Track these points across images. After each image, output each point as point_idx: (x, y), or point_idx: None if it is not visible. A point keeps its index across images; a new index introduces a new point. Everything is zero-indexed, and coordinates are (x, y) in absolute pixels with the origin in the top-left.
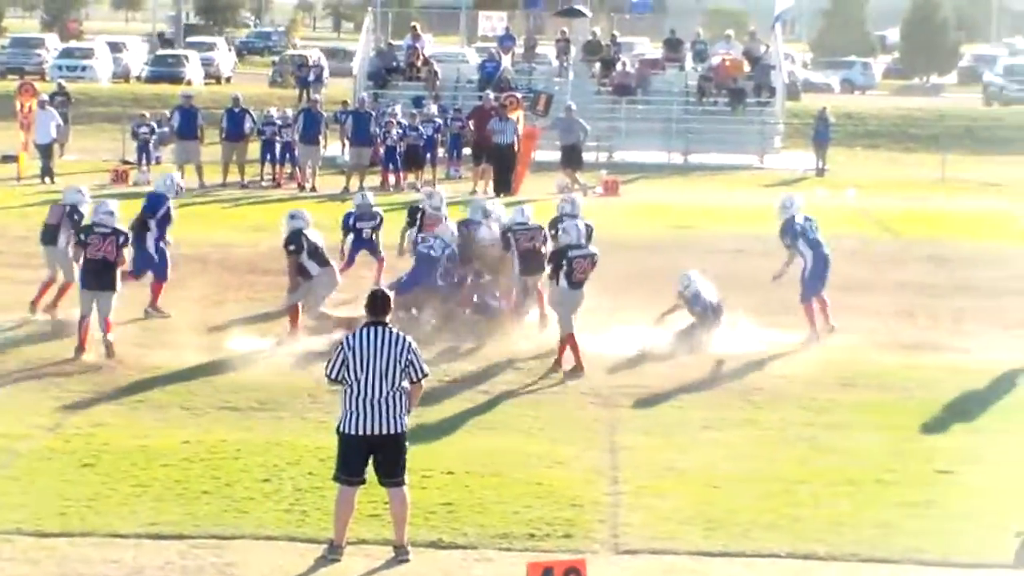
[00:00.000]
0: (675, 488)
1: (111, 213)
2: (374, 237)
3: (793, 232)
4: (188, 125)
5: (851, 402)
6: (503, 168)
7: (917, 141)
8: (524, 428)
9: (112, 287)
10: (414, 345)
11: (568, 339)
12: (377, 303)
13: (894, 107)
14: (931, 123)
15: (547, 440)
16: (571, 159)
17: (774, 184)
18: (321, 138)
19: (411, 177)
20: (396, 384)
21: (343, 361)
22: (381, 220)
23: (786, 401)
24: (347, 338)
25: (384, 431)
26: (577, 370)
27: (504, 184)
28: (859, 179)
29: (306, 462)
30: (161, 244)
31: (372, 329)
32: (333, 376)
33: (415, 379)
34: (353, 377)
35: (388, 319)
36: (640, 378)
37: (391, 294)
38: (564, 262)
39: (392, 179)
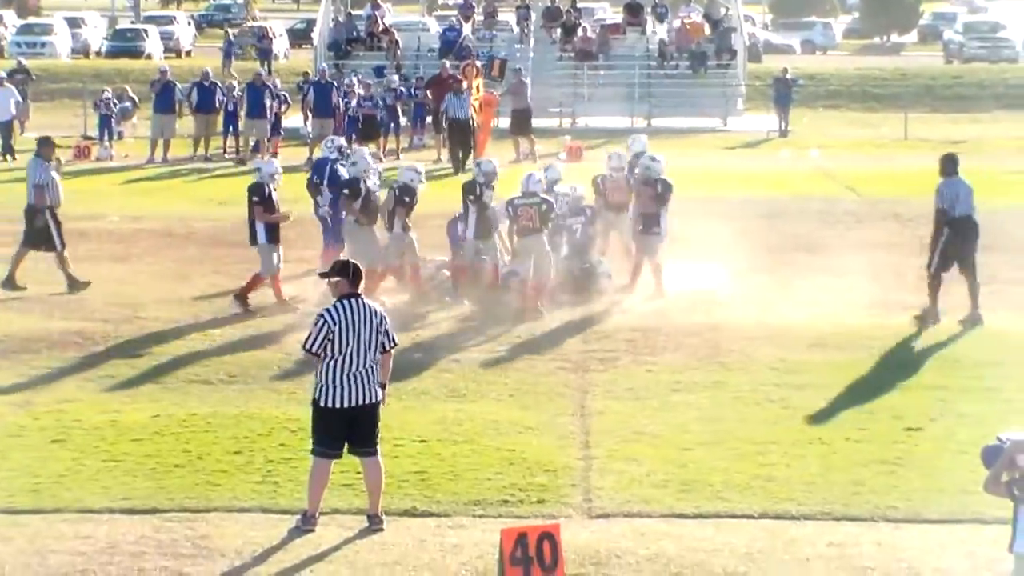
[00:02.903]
0: (647, 452)
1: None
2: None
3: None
4: (165, 99)
5: (820, 362)
6: (457, 143)
7: (879, 101)
8: (494, 395)
9: None
10: (386, 315)
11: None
12: (355, 274)
13: (855, 67)
14: (892, 82)
15: (518, 407)
16: (520, 125)
17: (738, 146)
18: (268, 111)
19: (370, 147)
20: (375, 355)
21: (326, 334)
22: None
23: (755, 363)
24: (328, 312)
25: (364, 401)
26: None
27: (458, 161)
28: (822, 140)
29: (277, 434)
30: None
31: (351, 301)
32: (314, 350)
33: (387, 348)
34: (338, 351)
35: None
36: (610, 343)
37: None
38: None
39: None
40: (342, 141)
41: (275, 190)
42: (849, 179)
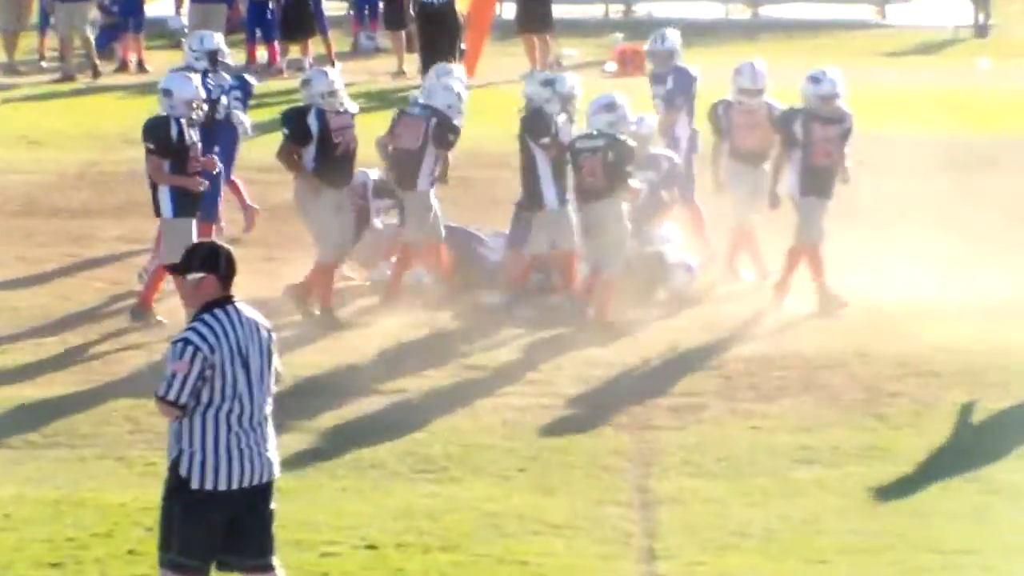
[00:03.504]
0: (752, 566)
1: None
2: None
3: None
4: None
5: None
6: (433, 46)
7: None
8: (495, 469)
9: None
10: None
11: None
12: (228, 265)
13: None
14: None
15: (535, 488)
16: (535, 14)
17: (905, 50)
18: None
19: (295, 51)
20: (269, 396)
21: (199, 371)
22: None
23: (937, 416)
24: (196, 334)
25: (261, 478)
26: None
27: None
28: None
29: (123, 533)
30: None
31: (228, 312)
32: (181, 400)
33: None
34: (219, 395)
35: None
36: (690, 381)
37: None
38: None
39: (264, 54)
40: (214, 40)
41: (191, 128)
42: None
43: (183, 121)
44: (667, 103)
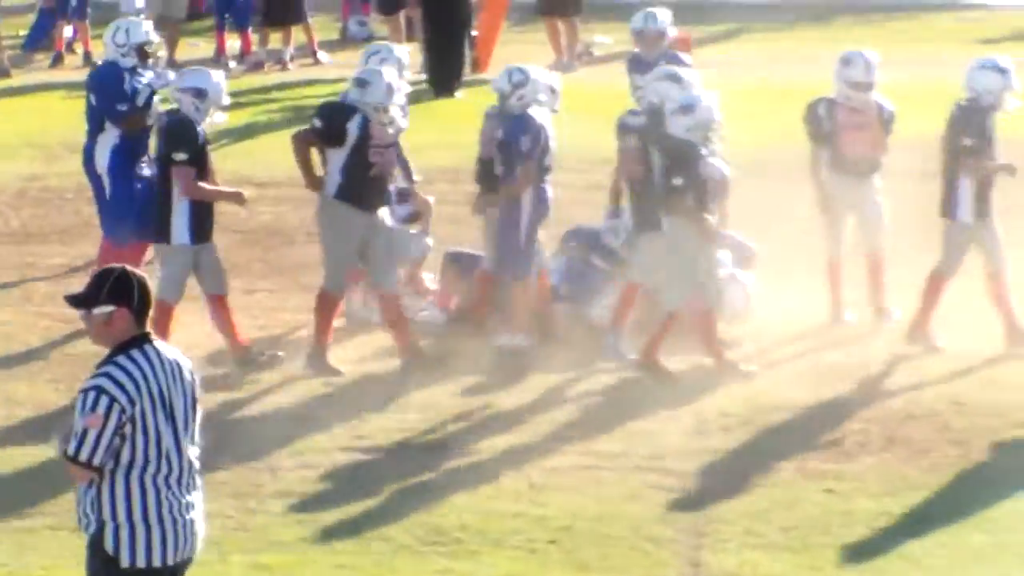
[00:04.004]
0: None
1: None
2: None
3: None
4: None
5: None
6: (441, 34)
7: None
8: (520, 538)
9: None
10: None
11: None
12: (143, 297)
13: None
14: None
15: (567, 564)
16: None
17: (1003, 37)
18: None
19: (274, 40)
20: (197, 451)
21: (117, 425)
22: None
23: None
24: (111, 379)
25: (194, 551)
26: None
27: (448, 66)
28: None
29: None
30: None
31: (148, 352)
32: (96, 461)
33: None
34: (141, 453)
35: None
36: (747, 430)
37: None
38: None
39: (237, 44)
40: (142, 30)
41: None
42: None
43: (202, 122)
44: None
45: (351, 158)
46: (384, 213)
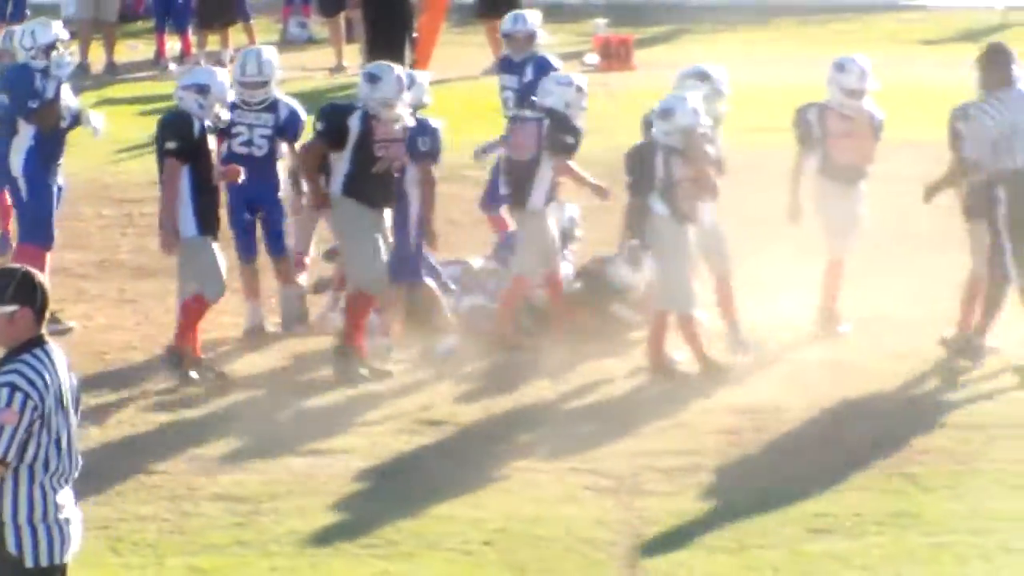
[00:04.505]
0: None
1: None
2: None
3: None
4: None
5: None
6: (382, 34)
7: None
8: (455, 540)
9: None
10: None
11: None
12: (43, 297)
13: None
14: None
15: (503, 566)
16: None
17: (948, 38)
18: None
19: (212, 42)
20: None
21: (30, 420)
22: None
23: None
24: (22, 376)
25: (77, 544)
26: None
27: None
28: None
29: None
30: None
31: (48, 351)
32: (9, 457)
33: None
34: (44, 450)
35: None
36: (685, 433)
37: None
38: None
39: (178, 47)
40: (50, 31)
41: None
42: None
43: (206, 123)
44: (521, 99)
45: (355, 154)
46: (389, 214)
